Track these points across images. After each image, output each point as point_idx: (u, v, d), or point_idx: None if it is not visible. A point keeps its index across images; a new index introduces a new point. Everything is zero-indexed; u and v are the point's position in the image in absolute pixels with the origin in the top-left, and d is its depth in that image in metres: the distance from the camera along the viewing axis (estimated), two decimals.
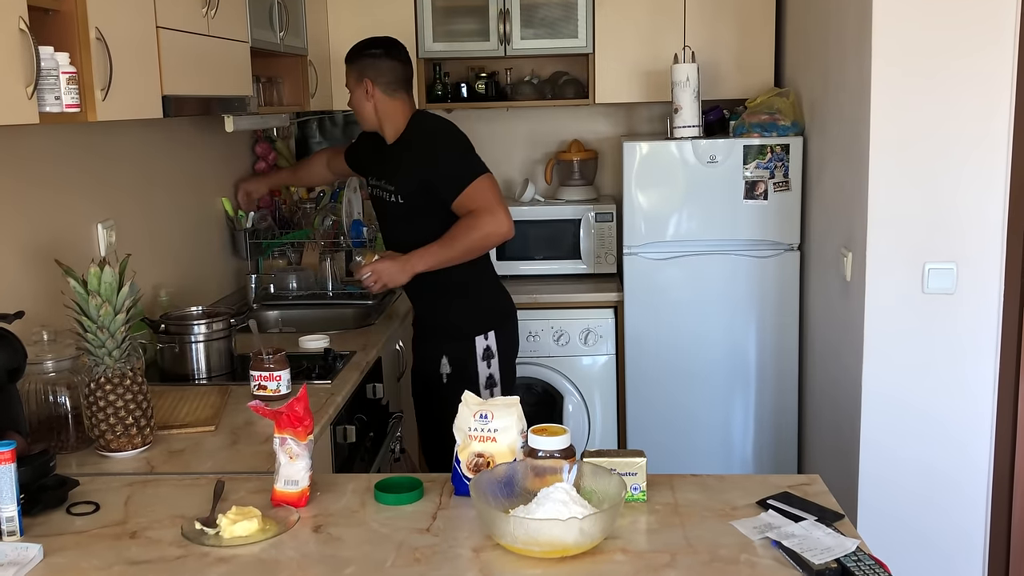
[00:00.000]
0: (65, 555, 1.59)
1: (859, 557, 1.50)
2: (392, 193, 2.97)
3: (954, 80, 2.73)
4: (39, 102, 1.87)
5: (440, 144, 2.97)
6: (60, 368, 2.15)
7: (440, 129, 3.04)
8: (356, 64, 2.99)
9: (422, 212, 2.94)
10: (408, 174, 2.94)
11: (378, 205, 3.12)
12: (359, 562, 1.54)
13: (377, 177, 3.07)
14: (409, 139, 2.98)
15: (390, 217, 3.04)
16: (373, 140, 3.12)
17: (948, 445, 2.89)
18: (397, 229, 3.05)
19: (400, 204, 2.95)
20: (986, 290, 2.81)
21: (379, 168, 3.05)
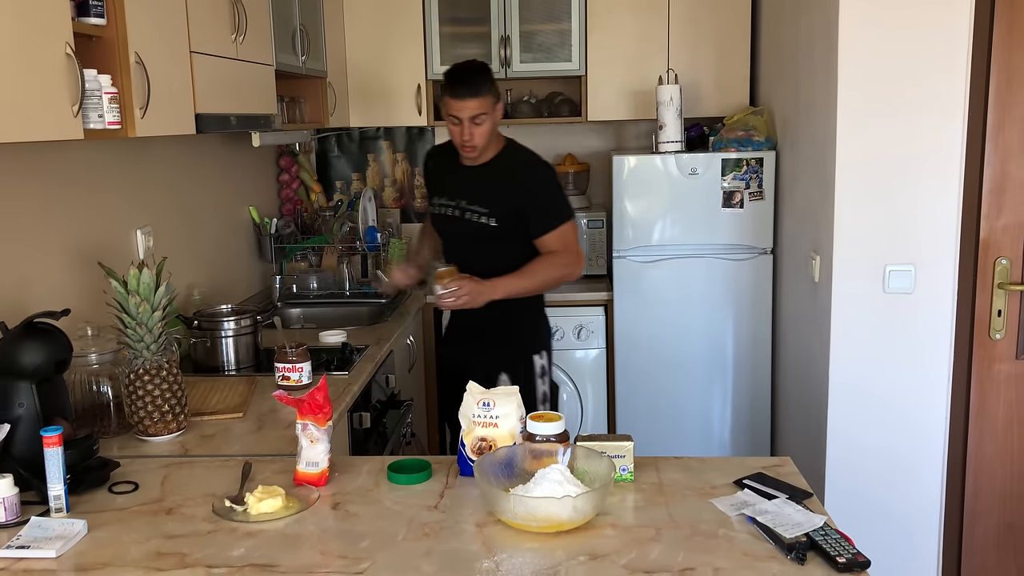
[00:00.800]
0: (107, 530, 1.59)
1: (826, 531, 1.50)
2: (484, 215, 2.72)
3: (913, 100, 2.73)
4: (84, 120, 1.87)
5: (543, 178, 2.77)
6: (103, 360, 2.15)
7: (543, 164, 2.82)
8: (494, 86, 2.70)
9: (512, 237, 2.74)
10: (507, 199, 2.71)
11: (454, 225, 2.81)
12: (373, 536, 1.54)
13: (458, 197, 2.78)
14: (507, 165, 2.76)
15: (474, 238, 2.76)
16: (444, 160, 2.89)
17: (907, 430, 2.89)
18: (479, 251, 2.78)
19: (493, 227, 2.71)
20: (941, 290, 2.81)
21: (463, 188, 2.78)
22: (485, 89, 2.65)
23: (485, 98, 2.64)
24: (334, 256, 3.95)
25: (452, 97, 2.64)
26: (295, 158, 4.26)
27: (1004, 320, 2.85)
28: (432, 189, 2.97)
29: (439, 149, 3.00)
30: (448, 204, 2.82)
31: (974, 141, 2.76)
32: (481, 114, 2.63)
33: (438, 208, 2.87)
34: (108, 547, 1.53)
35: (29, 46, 1.68)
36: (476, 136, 2.66)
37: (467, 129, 2.65)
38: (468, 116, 2.63)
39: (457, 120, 2.65)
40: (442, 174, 2.92)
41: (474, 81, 2.64)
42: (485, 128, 2.66)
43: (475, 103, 2.62)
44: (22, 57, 1.66)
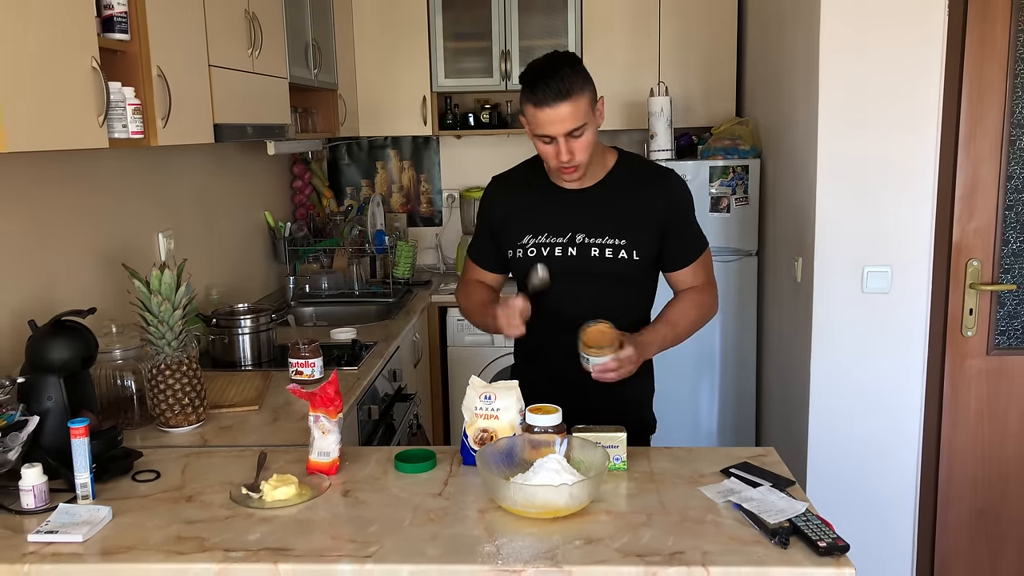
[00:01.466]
0: (131, 516, 1.59)
1: (808, 517, 1.50)
2: (619, 247, 1.97)
3: (890, 111, 2.72)
4: (109, 129, 1.87)
5: (685, 190, 2.07)
6: (126, 356, 2.15)
7: (675, 172, 2.08)
8: (589, 80, 1.88)
9: (650, 273, 2.06)
10: (649, 221, 1.99)
11: (565, 268, 1.97)
12: (381, 521, 1.54)
13: (570, 229, 2.00)
14: (636, 177, 2.03)
15: (603, 280, 1.99)
16: (524, 189, 2.07)
17: (884, 422, 2.88)
18: (609, 297, 1.99)
19: (635, 262, 1.98)
20: (916, 289, 2.81)
21: (575, 217, 2.00)
22: (579, 87, 1.83)
23: (580, 98, 1.83)
24: (344, 258, 3.95)
25: (536, 106, 1.83)
26: (308, 165, 4.26)
27: (975, 318, 2.85)
28: (508, 230, 2.06)
29: (509, 178, 2.14)
30: (550, 242, 2.00)
31: (947, 149, 2.76)
32: (580, 125, 1.85)
33: (529, 249, 2.01)
34: (132, 532, 1.53)
35: (58, 60, 1.68)
36: (578, 152, 1.88)
37: (565, 147, 1.86)
38: (563, 131, 1.84)
39: (549, 139, 1.87)
40: (528, 207, 2.04)
41: (563, 80, 1.81)
42: (587, 139, 1.88)
43: (570, 110, 1.82)
44: (51, 70, 1.66)
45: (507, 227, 2.06)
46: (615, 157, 2.05)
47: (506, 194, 2.10)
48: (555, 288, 1.91)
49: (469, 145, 4.42)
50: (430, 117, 4.03)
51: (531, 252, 2.00)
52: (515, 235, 2.04)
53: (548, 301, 1.94)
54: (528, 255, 2.00)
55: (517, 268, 2.05)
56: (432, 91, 4.02)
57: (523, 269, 1.98)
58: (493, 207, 2.11)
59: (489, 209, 2.12)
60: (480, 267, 2.18)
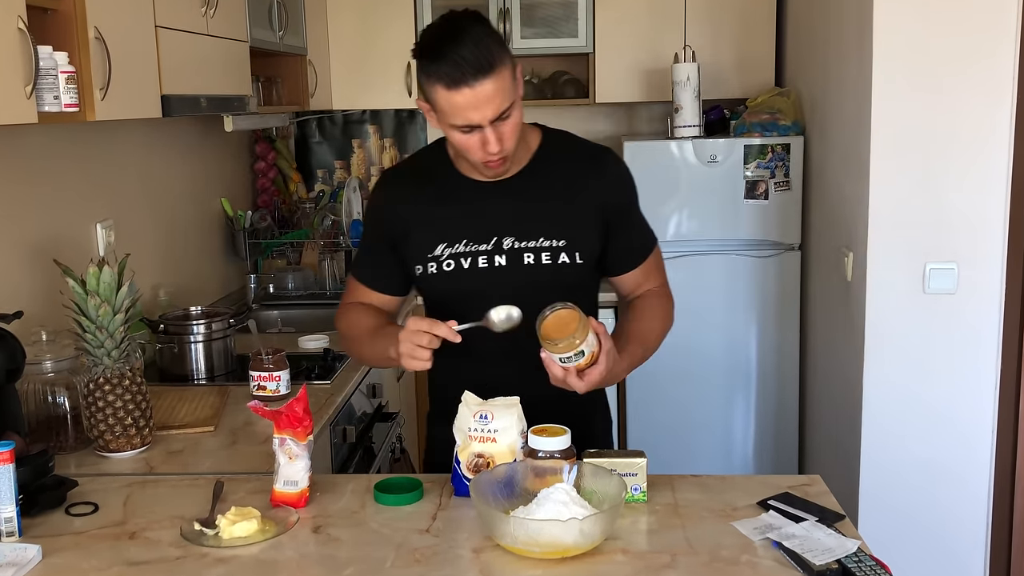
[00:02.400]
0: (64, 556, 1.59)
1: (860, 558, 1.50)
2: (558, 250, 1.85)
3: (956, 79, 2.73)
4: (38, 101, 1.87)
5: (626, 172, 1.96)
6: (59, 368, 2.15)
7: (610, 150, 1.97)
8: (505, 46, 1.74)
9: (594, 277, 1.96)
10: (588, 215, 1.88)
11: (493, 280, 1.86)
12: (358, 563, 1.54)
13: (496, 233, 1.87)
14: (567, 161, 1.91)
15: (539, 290, 1.80)
16: (427, 185, 1.93)
17: (950, 444, 2.89)
18: (547, 305, 1.73)
19: (577, 266, 1.86)
20: (987, 290, 2.81)
21: (502, 218, 1.87)
22: (498, 55, 1.69)
23: (503, 70, 1.69)
24: (315, 253, 3.95)
25: (450, 87, 1.68)
26: (272, 144, 4.26)
27: None
28: (412, 240, 1.91)
29: (406, 172, 2.04)
30: (472, 251, 1.87)
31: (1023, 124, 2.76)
32: (508, 104, 1.71)
33: (445, 262, 1.87)
34: (65, 575, 1.53)
35: None
36: (508, 138, 1.75)
37: (493, 136, 1.72)
38: (490, 116, 1.70)
39: (469, 128, 1.72)
40: (437, 208, 1.90)
41: (480, 48, 1.67)
42: (516, 119, 1.75)
43: (494, 86, 1.68)
44: None
45: (411, 237, 1.90)
46: (539, 136, 1.93)
47: (405, 194, 1.94)
48: (481, 309, 1.74)
49: None
50: (415, 87, 4.02)
51: (447, 266, 1.86)
52: (423, 246, 1.88)
53: (473, 333, 1.74)
54: (444, 269, 1.86)
55: (430, 289, 1.92)
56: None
57: (438, 290, 1.89)
58: (390, 212, 1.94)
59: (384, 214, 1.96)
60: (370, 288, 1.99)
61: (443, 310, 1.84)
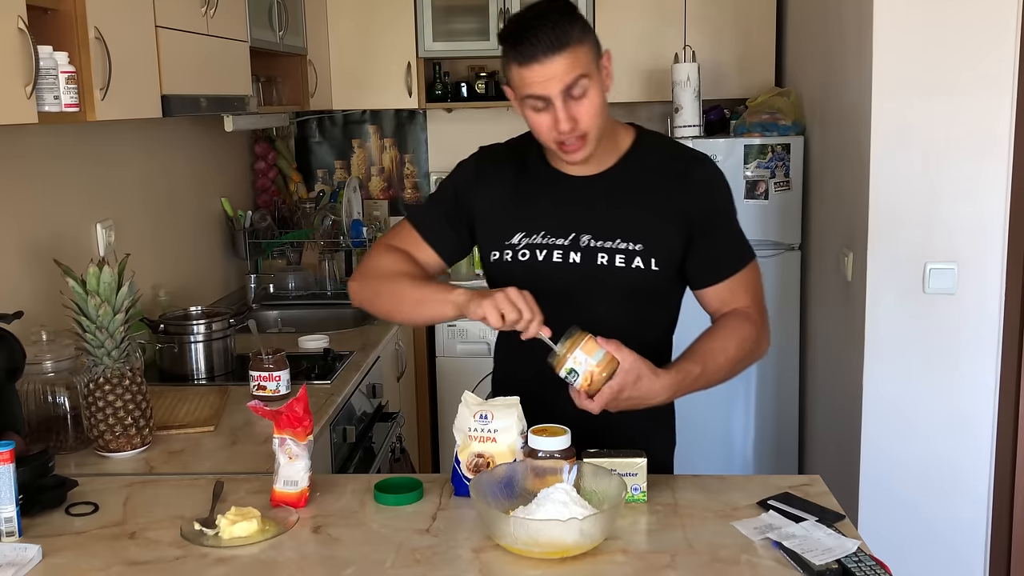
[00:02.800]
0: (64, 556, 1.59)
1: (860, 558, 1.49)
2: (633, 253, 1.79)
3: (956, 79, 2.73)
4: (38, 101, 1.87)
5: (722, 183, 1.90)
6: (59, 368, 2.15)
7: (710, 159, 1.93)
8: (589, 28, 1.74)
9: (674, 289, 1.89)
10: (672, 223, 1.81)
11: (565, 277, 1.81)
12: (358, 563, 1.54)
13: (572, 229, 1.82)
14: (656, 164, 1.86)
15: (614, 295, 1.81)
16: (513, 171, 1.89)
17: (950, 445, 2.89)
18: (617, 314, 1.81)
19: (652, 272, 1.80)
20: (987, 290, 2.81)
21: (578, 215, 1.83)
22: (576, 35, 1.68)
23: (579, 49, 1.68)
24: (315, 253, 3.95)
25: (522, 63, 1.68)
26: (272, 144, 4.26)
27: None
28: (493, 222, 1.88)
29: (501, 152, 1.95)
30: (548, 243, 1.83)
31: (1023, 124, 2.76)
32: (580, 77, 1.68)
33: (521, 252, 1.84)
34: (65, 575, 1.53)
35: None
36: (583, 116, 1.71)
37: (564, 111, 1.70)
38: (559, 88, 1.68)
39: (541, 102, 1.70)
40: (521, 195, 1.87)
41: (555, 27, 1.67)
42: (594, 100, 1.72)
43: (564, 63, 1.66)
44: None
45: (489, 219, 1.88)
46: (631, 136, 1.89)
47: (496, 172, 1.90)
48: (551, 308, 1.68)
49: (461, 120, 4.42)
50: (416, 87, 4.03)
51: (523, 256, 1.82)
52: (501, 232, 1.85)
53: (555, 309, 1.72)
54: (519, 259, 1.82)
55: (501, 277, 1.84)
56: (418, 56, 4.02)
57: (509, 278, 1.77)
58: (477, 184, 1.90)
59: (470, 185, 1.91)
60: (423, 239, 1.91)
61: None
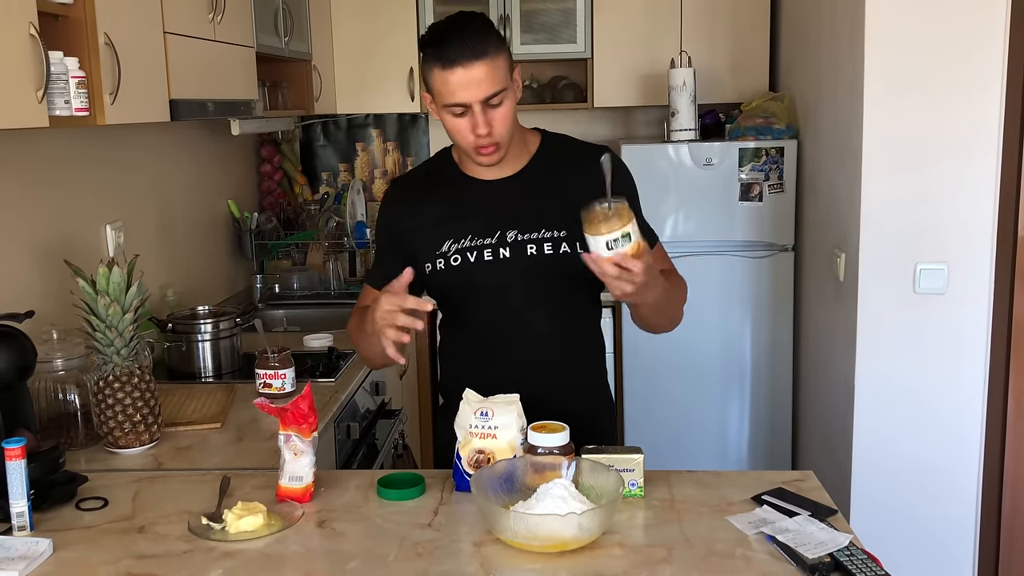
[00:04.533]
0: (74, 549, 1.59)
1: (852, 551, 1.50)
2: (559, 241, 1.89)
3: (946, 84, 2.73)
4: (49, 106, 1.87)
5: (627, 170, 2.02)
6: (69, 366, 2.15)
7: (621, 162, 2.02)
8: (504, 42, 1.84)
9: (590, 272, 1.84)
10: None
11: (496, 272, 1.90)
12: (362, 556, 1.54)
13: (499, 227, 1.91)
14: (567, 159, 1.97)
15: (543, 279, 1.91)
16: (432, 188, 2.00)
17: (940, 442, 2.89)
18: (555, 300, 1.93)
19: (578, 255, 1.74)
20: (976, 290, 2.81)
21: (503, 213, 1.92)
22: (494, 46, 1.79)
23: (497, 59, 1.78)
24: (320, 254, 3.95)
25: (445, 67, 1.77)
26: (277, 147, 4.26)
27: None
28: (420, 240, 1.95)
29: (411, 179, 2.09)
30: (477, 245, 1.91)
31: (1012, 127, 2.76)
32: (499, 90, 1.79)
33: (452, 257, 1.92)
34: (75, 568, 1.53)
35: None
36: (498, 124, 1.81)
37: (482, 118, 1.79)
38: (480, 96, 1.77)
39: (460, 109, 1.79)
40: (443, 208, 1.96)
41: (476, 35, 1.77)
42: (507, 109, 1.82)
43: (485, 71, 1.76)
44: None
45: (418, 237, 1.95)
46: (538, 139, 1.99)
47: (412, 196, 2.00)
48: (487, 302, 1.90)
49: None
50: (418, 92, 4.03)
51: (455, 261, 1.90)
52: (431, 244, 1.93)
53: (480, 320, 1.94)
54: (452, 264, 1.90)
55: (439, 284, 1.94)
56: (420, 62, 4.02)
57: (447, 285, 1.92)
58: (397, 216, 1.99)
59: (392, 219, 2.00)
60: (380, 290, 1.88)
61: (454, 304, 1.98)
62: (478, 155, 1.85)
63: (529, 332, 1.92)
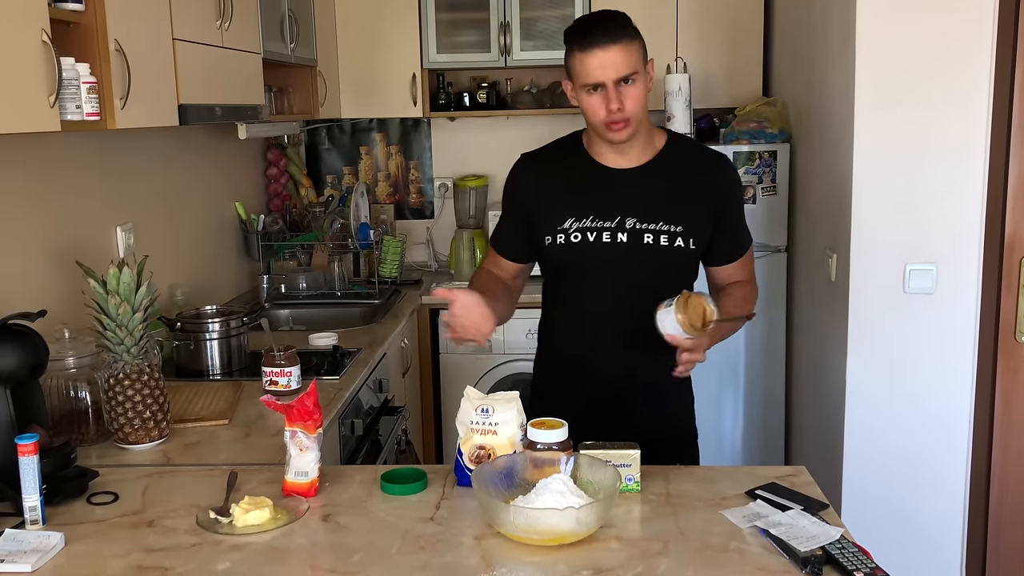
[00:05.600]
0: (86, 543, 1.59)
1: (843, 545, 1.50)
2: (675, 234, 1.97)
3: (935, 91, 2.73)
4: (61, 110, 1.87)
5: (738, 179, 2.11)
6: (81, 364, 2.15)
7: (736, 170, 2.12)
8: (639, 38, 1.95)
9: (696, 266, 2.09)
10: (707, 206, 2.00)
11: (611, 257, 1.97)
12: (366, 549, 1.54)
13: (619, 212, 1.97)
14: (689, 158, 2.05)
15: (656, 271, 1.98)
16: (559, 167, 2.06)
17: (929, 438, 2.89)
18: (657, 288, 1.90)
19: (690, 251, 1.99)
20: (964, 290, 2.81)
21: (625, 199, 1.98)
22: (630, 35, 1.90)
23: (632, 46, 1.89)
24: (324, 254, 3.95)
25: (584, 50, 1.87)
26: (283, 151, 4.26)
27: None
28: (544, 212, 2.02)
29: (542, 154, 2.11)
30: (597, 226, 1.97)
31: (999, 133, 2.76)
32: (631, 73, 1.88)
33: (573, 234, 1.98)
34: (86, 561, 1.53)
35: (3, 33, 1.68)
36: (629, 101, 1.89)
37: (614, 94, 1.87)
38: (614, 76, 1.87)
39: (595, 87, 1.89)
40: (568, 185, 2.03)
41: (615, 23, 1.89)
42: (639, 91, 1.90)
43: (620, 54, 1.86)
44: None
45: (543, 208, 2.03)
46: (664, 137, 2.06)
47: (540, 171, 2.08)
48: (592, 286, 2.01)
49: (464, 128, 4.42)
50: (420, 97, 4.03)
51: (575, 238, 1.98)
52: (554, 218, 2.00)
53: (587, 297, 2.02)
54: (572, 241, 1.98)
55: (555, 257, 2.02)
56: (423, 68, 4.02)
57: (563, 259, 2.01)
58: (525, 185, 2.08)
59: (520, 187, 2.09)
60: (499, 254, 2.14)
61: (565, 279, 2.06)
62: (609, 131, 1.92)
63: (631, 315, 1.94)
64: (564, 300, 2.09)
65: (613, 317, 2.01)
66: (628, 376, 2.02)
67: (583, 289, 2.03)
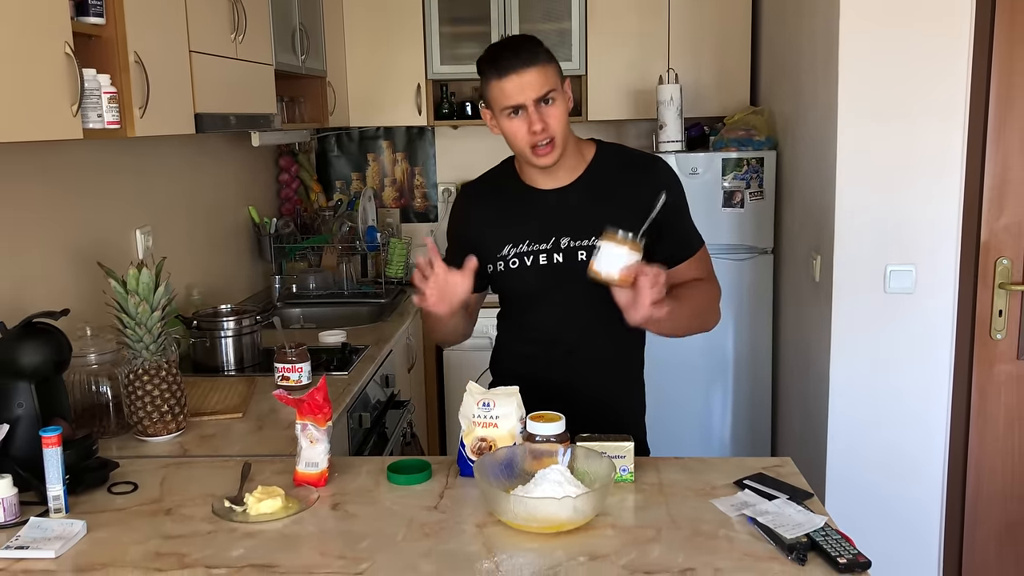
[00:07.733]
0: (107, 530, 1.59)
1: (827, 532, 1.49)
2: None
3: (914, 100, 2.73)
4: (83, 119, 1.87)
5: (676, 178, 1.98)
6: (102, 361, 2.15)
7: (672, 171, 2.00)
8: (553, 59, 1.86)
9: None
10: (642, 214, 1.76)
11: (551, 278, 1.92)
12: (373, 536, 1.54)
13: (555, 233, 1.91)
14: (621, 166, 1.96)
15: (592, 285, 1.73)
16: (496, 196, 2.01)
17: (908, 431, 2.89)
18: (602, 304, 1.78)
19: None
20: (942, 290, 2.81)
21: (560, 219, 1.91)
22: (543, 57, 1.82)
23: (547, 67, 1.81)
24: (334, 256, 3.95)
25: (500, 76, 1.80)
26: (295, 158, 4.26)
27: (1005, 320, 2.85)
28: (485, 243, 1.96)
29: (478, 185, 2.07)
30: (532, 250, 1.92)
31: (975, 140, 2.76)
32: (549, 91, 1.80)
33: (511, 260, 1.94)
34: (107, 547, 1.53)
35: (28, 46, 1.68)
36: (552, 120, 1.81)
37: (535, 115, 1.80)
38: (533, 96, 1.79)
39: (515, 109, 1.81)
40: (503, 214, 1.97)
41: (527, 47, 1.82)
42: (559, 110, 1.82)
43: (536, 75, 1.79)
44: (21, 57, 1.66)
45: (484, 238, 1.97)
46: (593, 149, 1.98)
47: (477, 203, 2.03)
48: (541, 302, 1.95)
49: (466, 136, 4.42)
50: (425, 106, 4.03)
51: (513, 264, 1.93)
52: (493, 246, 1.95)
53: (532, 319, 1.98)
54: (511, 267, 1.93)
55: (498, 284, 2.00)
56: (427, 78, 4.02)
57: (506, 285, 1.98)
58: (464, 218, 2.04)
59: (459, 221, 2.05)
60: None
61: (513, 303, 2.04)
62: (535, 155, 1.84)
63: (577, 332, 1.95)
64: (513, 321, 2.06)
65: (559, 335, 1.96)
66: (576, 392, 1.93)
67: (528, 311, 1.99)
